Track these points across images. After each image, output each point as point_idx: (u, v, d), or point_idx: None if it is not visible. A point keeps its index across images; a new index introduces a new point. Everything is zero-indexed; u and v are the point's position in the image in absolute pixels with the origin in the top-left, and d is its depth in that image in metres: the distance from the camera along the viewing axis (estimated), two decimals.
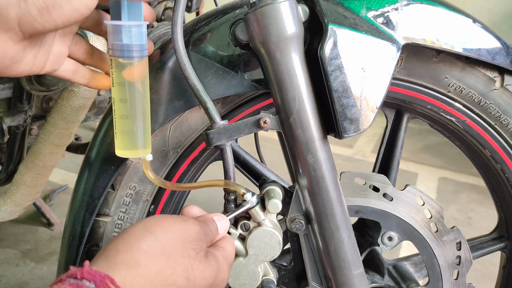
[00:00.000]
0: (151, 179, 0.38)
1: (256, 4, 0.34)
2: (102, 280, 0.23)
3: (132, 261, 0.25)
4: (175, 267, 0.27)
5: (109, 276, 0.23)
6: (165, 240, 0.28)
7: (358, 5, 0.35)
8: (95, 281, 0.23)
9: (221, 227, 0.34)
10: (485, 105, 0.43)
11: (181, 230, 0.30)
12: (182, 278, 0.27)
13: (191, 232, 0.30)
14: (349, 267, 0.39)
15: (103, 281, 0.23)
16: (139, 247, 0.26)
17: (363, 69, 0.34)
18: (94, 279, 0.23)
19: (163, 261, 0.27)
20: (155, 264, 0.26)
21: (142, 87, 0.35)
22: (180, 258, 0.28)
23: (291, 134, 0.36)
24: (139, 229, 0.28)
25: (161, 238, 0.28)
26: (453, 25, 0.38)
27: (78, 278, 0.23)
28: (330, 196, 0.37)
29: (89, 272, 0.23)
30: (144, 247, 0.27)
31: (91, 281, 0.23)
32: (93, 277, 0.23)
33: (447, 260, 0.46)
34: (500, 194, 0.49)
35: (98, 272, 0.23)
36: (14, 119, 0.62)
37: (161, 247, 0.27)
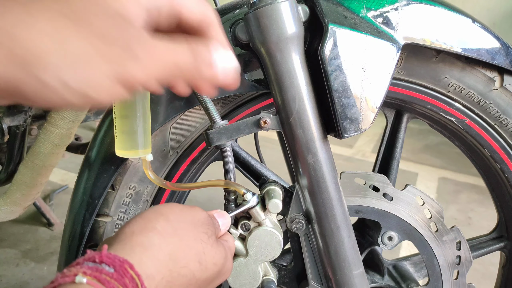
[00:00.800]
0: (151, 179, 0.38)
1: (256, 4, 0.34)
2: (122, 265, 0.22)
3: (147, 241, 0.25)
4: (187, 250, 0.27)
5: (128, 261, 0.23)
6: (176, 222, 0.28)
7: (358, 5, 0.35)
8: (115, 265, 0.22)
9: (222, 224, 0.34)
10: (484, 105, 0.43)
11: (191, 215, 0.30)
12: (194, 262, 0.27)
13: (200, 217, 0.31)
14: (349, 267, 0.39)
15: (122, 266, 0.22)
16: (153, 227, 0.26)
17: (363, 69, 0.34)
18: (113, 264, 0.22)
19: (176, 242, 0.27)
20: (168, 244, 0.26)
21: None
22: (192, 240, 0.28)
23: (291, 134, 0.36)
24: (152, 213, 0.28)
25: (173, 220, 0.28)
26: (452, 25, 0.38)
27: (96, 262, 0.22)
28: (330, 196, 0.37)
29: (108, 256, 0.23)
30: (158, 228, 0.27)
31: (111, 265, 0.22)
32: (112, 262, 0.22)
33: (447, 260, 0.46)
34: (499, 194, 0.49)
35: (117, 257, 0.23)
36: (14, 119, 0.62)
37: (173, 229, 0.27)
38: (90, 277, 0.21)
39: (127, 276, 0.22)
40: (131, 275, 0.22)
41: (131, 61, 0.20)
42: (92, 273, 0.21)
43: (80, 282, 0.21)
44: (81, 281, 0.21)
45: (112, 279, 0.21)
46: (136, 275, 0.23)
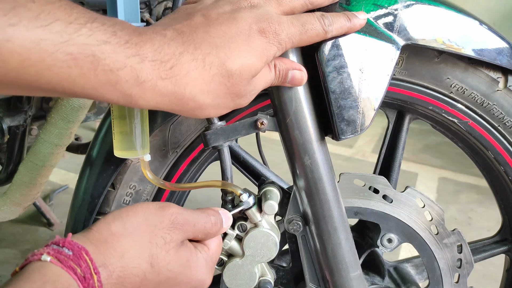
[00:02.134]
0: (150, 180, 0.38)
1: None
2: (79, 250, 0.27)
3: (101, 239, 0.29)
4: (140, 250, 0.29)
5: (84, 248, 0.27)
6: (133, 224, 0.30)
7: (357, 6, 0.35)
8: (73, 250, 0.27)
9: (225, 221, 0.35)
10: (488, 106, 0.43)
11: (154, 217, 0.31)
12: (146, 263, 0.29)
13: (165, 220, 0.31)
14: (347, 269, 0.38)
15: (79, 251, 0.27)
16: (108, 228, 0.30)
17: (361, 70, 0.34)
18: (72, 248, 0.27)
19: (129, 243, 0.29)
20: (121, 245, 0.29)
21: None
22: (147, 243, 0.30)
23: (288, 135, 0.36)
24: (112, 214, 0.31)
25: (129, 223, 0.30)
26: (454, 25, 0.38)
27: (60, 245, 0.27)
28: (328, 197, 0.37)
29: (70, 242, 0.27)
30: (112, 228, 0.30)
31: (70, 249, 0.27)
32: (72, 247, 0.27)
33: (447, 263, 0.45)
34: (503, 197, 0.49)
35: (76, 244, 0.27)
36: (14, 119, 0.63)
37: (129, 230, 0.30)
38: (52, 256, 0.26)
39: (82, 259, 0.26)
40: (85, 259, 0.27)
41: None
42: (54, 254, 0.26)
43: (44, 260, 0.26)
44: (45, 259, 0.26)
45: (69, 260, 0.26)
46: (89, 260, 0.27)
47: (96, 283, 0.26)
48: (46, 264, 0.25)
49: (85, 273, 0.26)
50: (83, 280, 0.26)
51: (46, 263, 0.26)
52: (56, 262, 0.26)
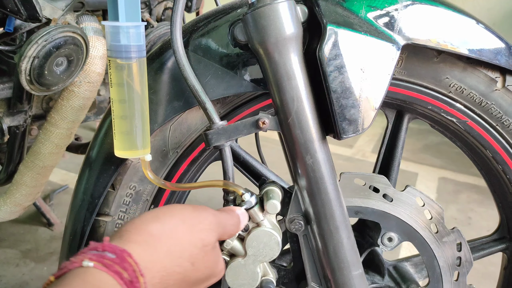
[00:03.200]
0: (151, 180, 0.38)
1: (255, 5, 0.34)
2: (121, 253, 0.26)
3: (142, 240, 0.28)
4: (182, 251, 0.30)
5: (126, 251, 0.26)
6: (171, 225, 0.30)
7: (358, 6, 0.35)
8: (116, 253, 0.26)
9: (242, 220, 0.36)
10: (486, 106, 0.43)
11: (190, 219, 0.32)
12: (187, 262, 0.30)
13: (202, 221, 0.32)
14: (348, 267, 0.39)
15: (122, 254, 0.26)
16: (147, 230, 0.29)
17: (362, 69, 0.34)
18: (114, 252, 0.26)
19: (171, 243, 0.29)
20: (162, 245, 0.29)
21: (141, 88, 0.35)
22: (187, 244, 0.30)
23: (290, 134, 0.36)
24: (149, 215, 0.31)
25: (168, 225, 0.30)
26: (453, 25, 0.38)
27: (99, 251, 0.26)
28: (329, 197, 0.37)
29: (110, 246, 0.26)
30: (152, 230, 0.29)
31: (112, 253, 0.25)
32: (113, 250, 0.26)
33: (447, 261, 0.45)
34: (501, 195, 0.49)
35: (117, 247, 0.26)
36: (14, 119, 0.62)
37: (168, 232, 0.30)
38: (95, 261, 0.24)
39: (127, 262, 0.25)
40: (130, 263, 0.26)
41: None
42: (97, 259, 0.25)
43: (87, 266, 0.24)
44: (88, 265, 0.24)
45: (115, 264, 0.25)
46: (134, 263, 0.26)
47: (142, 285, 0.25)
48: (88, 270, 0.24)
49: (132, 277, 0.25)
50: (129, 284, 0.24)
51: (88, 269, 0.24)
52: (100, 267, 0.24)
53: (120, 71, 0.34)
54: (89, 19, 0.60)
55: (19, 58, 0.51)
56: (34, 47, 0.51)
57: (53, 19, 0.54)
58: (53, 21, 0.54)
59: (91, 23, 0.60)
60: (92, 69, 0.60)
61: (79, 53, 0.56)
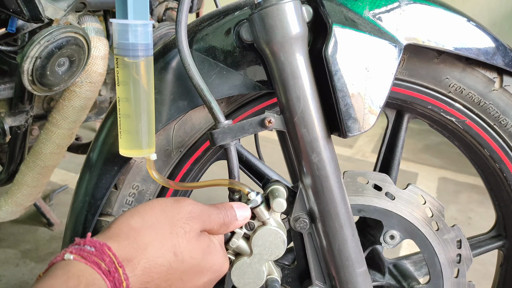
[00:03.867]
0: (155, 179, 0.38)
1: (261, 5, 0.34)
2: (101, 247, 0.27)
3: (122, 234, 0.30)
4: (163, 241, 0.30)
5: (106, 244, 0.28)
6: (152, 218, 0.31)
7: (361, 6, 0.36)
8: (95, 246, 0.27)
9: (240, 215, 0.36)
10: (484, 106, 0.44)
11: (171, 210, 0.32)
12: (169, 253, 0.30)
13: (182, 211, 0.32)
14: (353, 265, 0.39)
15: (101, 247, 0.27)
16: (127, 223, 0.30)
17: (366, 69, 0.35)
18: (94, 245, 0.28)
19: (151, 235, 0.30)
20: (142, 238, 0.30)
21: (147, 86, 0.36)
22: (168, 234, 0.31)
23: (296, 133, 0.36)
24: (130, 211, 0.32)
25: (148, 216, 0.31)
26: (453, 26, 0.39)
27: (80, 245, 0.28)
28: (334, 195, 0.37)
29: (90, 240, 0.28)
30: (132, 224, 0.30)
31: (92, 246, 0.27)
32: (93, 244, 0.28)
33: (447, 258, 0.46)
34: (498, 193, 0.50)
35: (97, 241, 0.28)
36: (16, 119, 0.62)
37: (148, 224, 0.31)
38: (75, 254, 0.27)
39: (105, 254, 0.27)
40: (108, 254, 0.27)
41: None
42: (77, 252, 0.27)
43: (68, 258, 0.26)
44: (69, 257, 0.26)
45: (93, 255, 0.27)
46: (113, 255, 0.27)
47: (122, 275, 0.26)
48: (70, 262, 0.26)
49: (110, 267, 0.26)
50: (107, 274, 0.26)
51: (70, 261, 0.26)
52: (79, 259, 0.26)
53: (128, 69, 0.34)
54: (90, 20, 0.60)
55: (21, 58, 0.51)
56: (37, 48, 0.51)
57: (55, 20, 0.54)
58: (55, 21, 0.54)
59: (92, 23, 0.60)
60: (93, 69, 0.60)
61: (81, 54, 0.56)
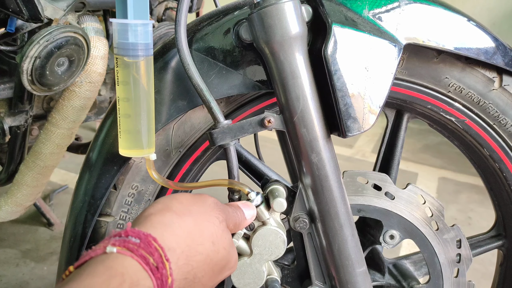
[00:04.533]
0: (155, 179, 0.38)
1: (260, 4, 0.34)
2: (146, 238, 0.24)
3: (166, 220, 0.27)
4: (202, 229, 0.29)
5: (151, 235, 0.25)
6: (190, 205, 0.30)
7: (361, 6, 0.36)
8: (140, 237, 0.24)
9: (248, 214, 0.35)
10: (484, 105, 0.44)
11: (201, 200, 0.31)
12: (208, 241, 0.29)
13: (210, 203, 0.32)
14: (353, 265, 0.39)
15: (146, 238, 0.24)
16: (169, 208, 0.28)
17: (366, 68, 0.35)
18: (138, 236, 0.24)
19: (192, 221, 0.29)
20: (185, 224, 0.28)
21: (147, 86, 0.36)
22: (206, 222, 0.30)
23: (295, 133, 0.36)
24: (166, 198, 0.30)
25: (186, 203, 0.30)
26: (452, 26, 0.39)
27: (122, 236, 0.24)
28: (334, 194, 0.37)
29: (133, 230, 0.25)
30: (174, 209, 0.28)
31: (136, 237, 0.24)
32: (137, 235, 0.24)
33: (447, 258, 0.46)
34: (497, 193, 0.50)
35: (140, 231, 0.25)
36: (15, 119, 0.62)
37: (188, 210, 0.29)
38: (118, 246, 0.23)
39: (152, 247, 0.24)
40: (155, 247, 0.24)
41: None
42: (120, 244, 0.23)
43: (110, 251, 0.22)
44: (111, 250, 0.22)
45: (140, 248, 0.23)
46: (159, 247, 0.24)
47: (168, 271, 0.23)
48: (111, 256, 0.22)
49: (158, 263, 0.23)
50: (155, 270, 0.23)
51: (111, 255, 0.22)
52: (124, 252, 0.22)
53: (127, 69, 0.34)
54: (90, 19, 0.60)
55: (21, 58, 0.51)
56: (36, 47, 0.51)
57: (55, 20, 0.54)
58: (54, 21, 0.54)
59: (92, 23, 0.60)
60: (93, 69, 0.60)
61: (81, 53, 0.56)
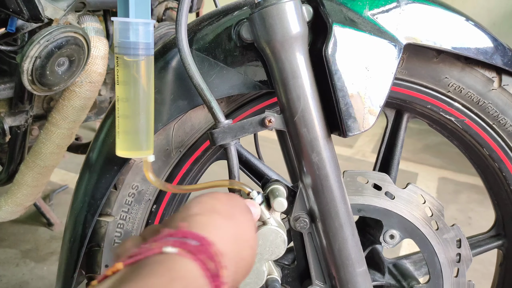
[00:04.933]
0: (152, 181, 0.38)
1: (261, 4, 0.34)
2: (204, 241, 0.22)
3: (216, 223, 0.25)
4: (243, 234, 0.27)
5: (208, 239, 0.23)
6: (231, 207, 0.28)
7: (361, 5, 0.36)
8: (199, 240, 0.22)
9: (254, 212, 0.34)
10: (483, 105, 0.44)
11: (238, 202, 0.30)
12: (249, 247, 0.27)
13: (244, 204, 0.31)
14: (353, 264, 0.39)
15: (204, 241, 0.22)
16: (216, 211, 0.26)
17: (366, 68, 0.35)
18: (197, 239, 0.22)
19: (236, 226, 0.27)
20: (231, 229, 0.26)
21: (147, 86, 0.35)
22: (246, 226, 0.28)
23: (296, 133, 0.36)
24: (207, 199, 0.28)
25: (228, 205, 0.28)
26: (452, 26, 0.39)
27: (179, 237, 0.22)
28: (334, 194, 0.38)
29: (190, 232, 0.22)
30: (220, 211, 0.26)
31: (195, 239, 0.22)
32: (195, 237, 0.22)
33: (447, 257, 0.46)
34: (497, 193, 0.50)
35: (197, 234, 0.22)
36: (16, 119, 0.62)
37: (230, 213, 0.27)
38: (179, 248, 0.20)
39: (211, 252, 0.22)
40: (214, 251, 0.22)
41: None
42: (180, 245, 0.21)
43: (169, 252, 0.20)
44: (171, 251, 0.20)
45: (200, 252, 0.21)
46: (219, 253, 0.22)
47: (223, 279, 0.21)
48: (170, 257, 0.20)
49: (217, 269, 0.21)
50: (215, 278, 0.21)
51: (169, 256, 0.20)
52: (185, 254, 0.20)
53: (128, 68, 0.34)
54: (90, 19, 0.60)
55: (21, 58, 0.51)
56: (36, 47, 0.51)
57: (55, 19, 0.54)
58: (54, 21, 0.54)
59: (92, 23, 0.60)
60: (93, 69, 0.60)
61: (81, 53, 0.56)
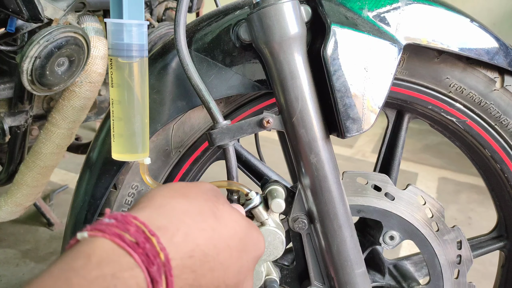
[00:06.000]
0: (149, 184, 0.38)
1: (260, 4, 0.34)
2: (124, 217, 0.23)
3: (156, 204, 0.26)
4: (200, 206, 0.27)
5: (131, 214, 0.23)
6: (183, 188, 0.28)
7: (360, 6, 0.36)
8: (116, 218, 0.23)
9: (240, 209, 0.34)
10: (485, 106, 0.44)
11: (198, 184, 0.30)
12: (210, 216, 0.27)
13: (208, 186, 0.31)
14: (352, 266, 0.39)
15: (124, 218, 0.23)
16: (160, 194, 0.27)
17: (365, 69, 0.35)
18: (114, 217, 0.23)
19: (187, 202, 0.27)
20: (179, 205, 0.26)
21: (141, 89, 0.35)
22: (203, 200, 0.28)
23: (294, 133, 0.36)
24: (157, 188, 0.29)
25: (178, 187, 0.28)
26: (453, 26, 0.39)
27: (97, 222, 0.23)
28: (333, 195, 0.37)
29: (110, 214, 0.23)
30: (165, 193, 0.27)
31: (111, 218, 0.22)
32: (114, 216, 0.23)
33: (448, 259, 0.46)
34: (499, 194, 0.50)
35: (119, 213, 0.23)
36: (15, 119, 0.62)
37: (181, 193, 0.27)
38: (90, 231, 0.22)
39: (130, 225, 0.22)
40: (135, 224, 0.22)
41: None
42: (92, 228, 0.22)
43: (82, 237, 0.22)
44: (82, 236, 0.22)
45: (113, 227, 0.22)
46: (141, 223, 0.22)
47: (156, 245, 0.21)
48: (83, 242, 0.21)
49: (137, 238, 0.21)
50: (135, 246, 0.21)
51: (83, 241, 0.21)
52: (95, 233, 0.21)
53: (121, 70, 0.34)
54: (90, 19, 0.60)
55: (21, 58, 0.51)
56: (36, 47, 0.51)
57: (55, 20, 0.54)
58: (54, 21, 0.54)
59: (92, 23, 0.60)
60: (93, 69, 0.60)
61: (81, 53, 0.56)
